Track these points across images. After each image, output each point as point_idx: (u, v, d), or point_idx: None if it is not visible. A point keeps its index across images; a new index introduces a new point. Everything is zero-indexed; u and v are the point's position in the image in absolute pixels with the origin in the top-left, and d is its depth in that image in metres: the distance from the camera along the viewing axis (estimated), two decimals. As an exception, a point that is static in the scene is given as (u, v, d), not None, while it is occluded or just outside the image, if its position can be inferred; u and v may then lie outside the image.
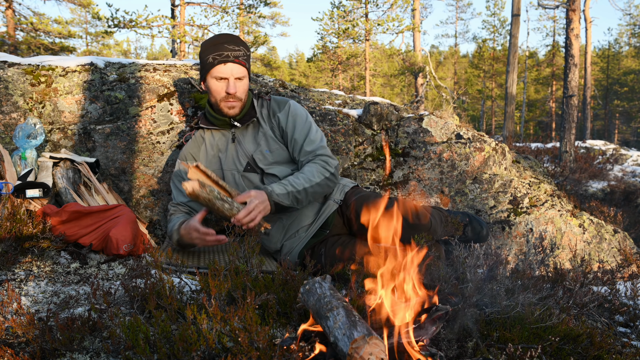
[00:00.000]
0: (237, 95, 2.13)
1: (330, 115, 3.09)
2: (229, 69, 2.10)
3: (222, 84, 2.13)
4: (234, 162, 2.22)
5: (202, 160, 2.26)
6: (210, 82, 2.14)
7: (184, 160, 2.27)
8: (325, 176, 2.10)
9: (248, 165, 2.20)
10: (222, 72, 2.11)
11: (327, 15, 19.27)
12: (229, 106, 2.15)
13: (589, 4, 18.42)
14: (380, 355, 0.93)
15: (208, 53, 2.12)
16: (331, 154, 2.20)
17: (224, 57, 2.09)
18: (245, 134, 2.25)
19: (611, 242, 3.07)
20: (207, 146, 2.28)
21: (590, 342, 1.28)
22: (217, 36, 2.17)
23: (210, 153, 2.26)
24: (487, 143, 3.19)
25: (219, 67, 2.10)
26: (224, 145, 2.25)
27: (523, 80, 28.54)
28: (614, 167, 8.73)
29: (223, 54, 2.09)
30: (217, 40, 2.12)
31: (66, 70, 2.86)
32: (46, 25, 15.52)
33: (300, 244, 2.15)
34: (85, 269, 1.91)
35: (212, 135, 2.28)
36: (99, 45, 28.24)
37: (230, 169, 2.21)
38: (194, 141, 2.30)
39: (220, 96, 2.14)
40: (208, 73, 2.14)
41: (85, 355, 1.19)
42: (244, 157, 2.21)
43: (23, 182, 2.23)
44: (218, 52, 2.10)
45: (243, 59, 2.15)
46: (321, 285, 1.20)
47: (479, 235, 2.47)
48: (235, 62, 2.11)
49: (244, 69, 2.15)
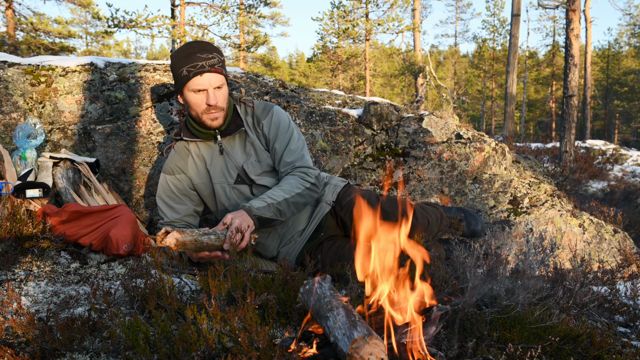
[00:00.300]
0: (219, 105, 2.03)
1: (330, 115, 3.09)
2: (207, 80, 1.99)
3: (201, 96, 2.02)
4: (223, 175, 2.13)
5: (191, 173, 2.17)
6: (189, 96, 2.03)
7: (170, 173, 2.17)
8: (305, 186, 2.03)
9: (238, 176, 2.12)
10: (199, 84, 1.99)
11: (327, 15, 19.29)
12: (212, 118, 2.05)
13: (589, 4, 18.42)
14: (380, 355, 0.93)
15: (181, 65, 2.00)
16: (311, 164, 2.13)
17: (199, 69, 1.97)
18: (234, 145, 2.15)
19: (611, 242, 3.07)
20: (194, 158, 2.17)
21: (590, 342, 1.28)
22: (187, 45, 2.04)
23: (199, 164, 2.17)
24: (487, 143, 3.19)
25: (196, 80, 1.99)
26: (210, 157, 2.16)
27: (523, 80, 28.54)
28: (614, 167, 8.73)
29: (197, 65, 1.97)
30: (189, 51, 2.00)
31: (66, 70, 2.86)
32: (46, 25, 15.52)
33: (296, 249, 2.15)
34: (85, 269, 1.91)
35: (197, 146, 2.17)
36: (99, 45, 28.25)
37: (220, 181, 2.13)
38: (178, 153, 2.18)
39: (201, 109, 2.03)
40: (184, 87, 2.03)
41: (85, 355, 1.19)
42: (233, 168, 2.13)
43: (23, 182, 2.23)
44: (191, 63, 1.98)
45: (219, 66, 2.03)
46: (321, 286, 1.20)
47: (474, 230, 2.46)
48: (211, 71, 1.99)
49: (222, 76, 2.05)
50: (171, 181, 2.17)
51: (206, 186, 2.17)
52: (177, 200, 2.16)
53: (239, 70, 3.41)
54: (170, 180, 2.17)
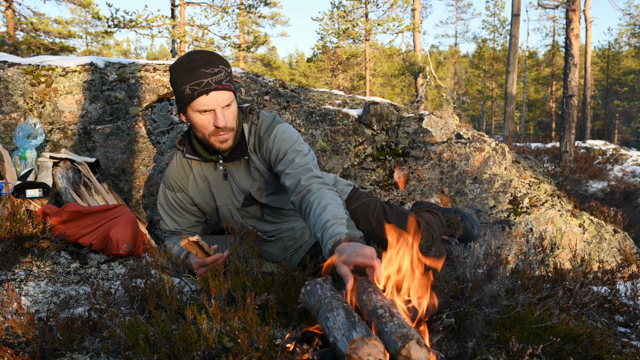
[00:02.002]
0: (228, 125, 1.79)
1: (330, 115, 3.09)
2: (214, 99, 1.73)
3: (209, 117, 1.76)
4: (229, 198, 2.00)
5: (192, 193, 2.03)
6: (193, 117, 1.77)
7: (170, 189, 2.03)
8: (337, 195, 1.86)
9: (245, 199, 1.99)
10: (205, 104, 1.73)
11: (327, 15, 19.29)
12: (221, 140, 1.81)
13: (589, 4, 18.42)
14: (379, 355, 0.93)
15: (183, 82, 1.73)
16: (320, 172, 1.88)
17: (205, 87, 1.71)
18: (239, 169, 1.97)
19: (611, 242, 3.07)
20: (196, 177, 2.01)
21: (590, 342, 1.28)
22: (188, 58, 1.76)
23: (201, 185, 2.01)
24: (487, 143, 3.19)
25: (201, 99, 1.72)
26: (214, 179, 2.00)
27: (523, 80, 28.54)
28: (614, 167, 8.73)
29: (202, 83, 1.71)
30: (191, 65, 1.73)
31: (66, 70, 2.86)
32: (46, 25, 15.52)
33: (299, 254, 2.15)
34: (85, 269, 1.91)
35: (200, 166, 2.00)
36: (99, 45, 28.25)
37: (226, 204, 2.00)
38: (180, 168, 2.02)
39: (209, 131, 1.78)
40: (188, 106, 1.77)
41: (85, 355, 1.19)
42: (239, 193, 1.98)
43: (23, 182, 2.23)
44: (196, 80, 1.71)
45: (226, 81, 1.76)
46: (322, 287, 1.20)
47: (470, 233, 2.46)
48: (218, 88, 1.73)
49: (230, 93, 1.78)
50: (172, 197, 2.05)
51: (209, 205, 2.05)
52: (178, 214, 2.07)
53: (239, 70, 3.41)
54: (171, 196, 2.05)
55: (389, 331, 0.98)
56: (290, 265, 1.67)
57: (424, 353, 0.92)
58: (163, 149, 2.76)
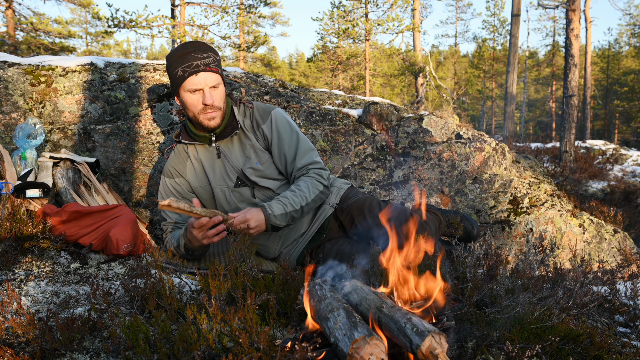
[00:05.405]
0: (215, 104, 2.01)
1: (330, 115, 3.09)
2: (202, 79, 1.97)
3: (198, 96, 2.00)
4: (223, 179, 2.12)
5: (189, 177, 2.16)
6: (185, 96, 2.02)
7: (169, 176, 2.17)
8: (319, 190, 2.04)
9: (238, 179, 2.10)
10: (195, 83, 1.97)
11: (327, 15, 19.28)
12: (209, 117, 2.02)
13: (589, 4, 18.42)
14: (381, 355, 0.93)
15: (176, 66, 1.98)
16: (322, 163, 2.13)
17: (194, 68, 1.96)
18: (232, 148, 2.12)
19: (611, 242, 3.07)
20: (193, 161, 2.16)
21: (590, 342, 1.28)
22: (182, 46, 2.02)
23: (197, 169, 2.15)
24: (487, 143, 3.19)
25: (191, 79, 1.97)
26: (208, 160, 2.14)
27: (523, 80, 28.55)
28: (614, 167, 8.73)
29: (192, 64, 1.96)
30: (183, 51, 1.98)
31: (66, 70, 2.86)
32: (46, 25, 15.52)
33: (297, 250, 2.15)
34: (85, 269, 1.91)
35: (195, 149, 2.16)
36: (99, 45, 28.24)
37: (220, 185, 2.12)
38: (177, 155, 2.18)
39: (198, 109, 2.01)
40: (180, 87, 2.01)
41: (85, 355, 1.19)
42: (233, 172, 2.11)
43: (23, 182, 2.23)
44: (187, 63, 1.96)
45: (214, 65, 2.01)
46: (322, 287, 1.20)
47: (470, 234, 2.48)
48: (206, 70, 1.97)
49: (217, 75, 2.02)
50: (170, 184, 2.17)
51: (205, 190, 2.16)
52: None
53: (239, 70, 3.41)
54: (170, 183, 2.17)
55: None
56: (290, 265, 1.67)
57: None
58: (163, 149, 2.76)
